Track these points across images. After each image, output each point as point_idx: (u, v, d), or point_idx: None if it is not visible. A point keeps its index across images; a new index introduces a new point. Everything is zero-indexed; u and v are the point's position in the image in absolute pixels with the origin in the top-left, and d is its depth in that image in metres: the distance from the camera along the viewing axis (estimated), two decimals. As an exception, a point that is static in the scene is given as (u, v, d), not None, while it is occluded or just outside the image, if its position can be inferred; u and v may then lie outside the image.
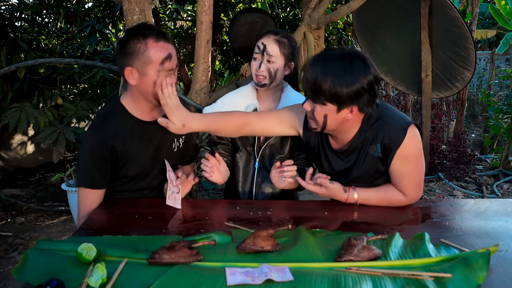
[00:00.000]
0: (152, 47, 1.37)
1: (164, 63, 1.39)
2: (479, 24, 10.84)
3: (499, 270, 1.02)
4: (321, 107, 1.30)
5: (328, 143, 1.50)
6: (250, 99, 1.77)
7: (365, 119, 1.39)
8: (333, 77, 1.25)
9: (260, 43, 1.69)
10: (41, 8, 4.48)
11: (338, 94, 1.25)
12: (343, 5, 2.85)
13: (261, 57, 1.68)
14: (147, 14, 2.24)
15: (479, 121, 7.95)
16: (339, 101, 1.27)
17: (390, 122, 1.37)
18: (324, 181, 1.39)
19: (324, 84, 1.25)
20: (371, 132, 1.39)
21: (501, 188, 4.33)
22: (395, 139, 1.35)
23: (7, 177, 4.24)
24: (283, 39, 1.69)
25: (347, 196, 1.43)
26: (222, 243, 1.15)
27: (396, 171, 1.41)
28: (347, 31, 5.63)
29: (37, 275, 0.99)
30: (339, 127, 1.37)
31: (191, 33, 5.23)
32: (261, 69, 1.67)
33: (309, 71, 1.29)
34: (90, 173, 1.46)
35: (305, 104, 1.35)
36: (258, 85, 1.71)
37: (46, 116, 3.38)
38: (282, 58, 1.68)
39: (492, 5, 8.04)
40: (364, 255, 1.05)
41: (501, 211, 1.42)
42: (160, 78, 1.39)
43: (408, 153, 1.37)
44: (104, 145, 1.45)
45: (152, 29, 1.40)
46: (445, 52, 3.68)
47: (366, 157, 1.42)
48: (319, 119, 1.33)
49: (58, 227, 3.26)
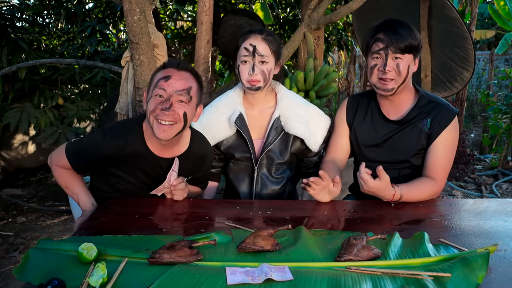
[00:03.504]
0: (159, 73, 1.43)
1: (158, 82, 1.39)
2: (478, 25, 10.83)
3: (498, 269, 1.02)
4: (406, 60, 1.51)
5: (380, 113, 1.64)
6: (234, 105, 1.68)
7: (420, 97, 1.60)
8: (411, 31, 1.52)
9: (248, 44, 1.58)
10: (42, 8, 4.49)
11: (418, 44, 1.52)
12: (343, 6, 2.86)
13: (252, 59, 1.58)
14: (147, 14, 2.24)
15: (478, 121, 7.95)
16: (418, 50, 1.53)
17: (443, 105, 1.58)
18: (382, 169, 1.40)
19: (410, 37, 1.50)
20: (425, 109, 1.58)
21: (500, 188, 4.33)
22: (446, 118, 1.55)
23: (8, 177, 4.24)
24: (269, 37, 1.62)
25: (394, 191, 1.44)
26: (222, 243, 1.15)
27: (434, 153, 1.56)
28: (346, 32, 5.64)
29: (38, 275, 0.99)
30: (404, 87, 1.55)
31: (191, 34, 5.24)
32: (255, 72, 1.57)
33: (391, 32, 1.50)
34: (80, 158, 1.50)
35: (388, 65, 1.50)
36: (252, 89, 1.61)
37: (47, 116, 3.39)
38: (272, 57, 1.61)
39: (491, 6, 8.04)
40: (364, 254, 1.05)
41: (500, 210, 1.42)
42: (153, 99, 1.39)
43: (450, 138, 1.56)
44: (105, 154, 1.47)
45: (174, 62, 1.46)
46: (445, 52, 3.68)
47: (414, 129, 1.58)
48: (404, 71, 1.51)
49: (59, 227, 3.26)
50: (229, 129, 1.69)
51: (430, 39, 3.69)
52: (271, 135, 1.67)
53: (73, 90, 4.00)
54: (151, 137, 1.46)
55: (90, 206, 1.54)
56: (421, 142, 1.58)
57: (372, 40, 1.54)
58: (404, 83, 1.53)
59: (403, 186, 1.48)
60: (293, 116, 1.67)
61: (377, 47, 1.52)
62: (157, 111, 1.37)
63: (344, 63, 9.21)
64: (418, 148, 1.59)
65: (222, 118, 1.68)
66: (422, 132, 1.57)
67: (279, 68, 1.68)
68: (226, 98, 1.72)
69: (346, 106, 1.73)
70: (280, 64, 1.68)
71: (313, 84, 2.74)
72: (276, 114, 1.68)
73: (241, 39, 1.62)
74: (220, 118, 1.68)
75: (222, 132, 1.69)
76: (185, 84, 1.39)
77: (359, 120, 1.69)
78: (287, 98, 1.71)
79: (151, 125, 1.40)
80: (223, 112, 1.68)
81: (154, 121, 1.38)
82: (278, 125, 1.68)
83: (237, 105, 1.68)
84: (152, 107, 1.38)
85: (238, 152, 1.70)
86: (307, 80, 2.61)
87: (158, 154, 1.49)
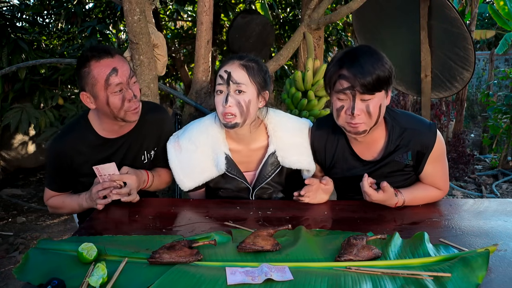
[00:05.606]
0: (94, 68, 1.36)
1: (109, 80, 1.35)
2: (478, 25, 10.84)
3: (498, 269, 1.02)
4: (377, 98, 1.32)
5: (353, 154, 1.49)
6: (217, 144, 1.48)
7: (390, 129, 1.44)
8: (379, 61, 1.30)
9: (223, 71, 1.38)
10: (42, 8, 4.49)
11: (389, 75, 1.31)
12: (343, 6, 2.86)
13: (226, 88, 1.37)
14: (147, 14, 2.24)
15: (478, 121, 7.94)
16: (389, 82, 1.33)
17: (419, 130, 1.42)
18: (386, 185, 1.36)
19: (379, 69, 1.28)
20: (401, 142, 1.44)
21: (500, 188, 4.34)
22: (428, 144, 1.42)
23: (8, 177, 4.25)
24: (251, 63, 1.40)
25: (397, 200, 1.43)
26: (222, 243, 1.15)
27: (429, 173, 1.47)
28: (346, 32, 5.64)
29: (38, 275, 0.99)
30: (376, 128, 1.39)
31: (191, 34, 5.24)
32: (228, 104, 1.36)
33: (357, 67, 1.28)
34: (52, 178, 1.55)
35: (356, 109, 1.30)
36: (227, 126, 1.40)
37: (47, 117, 3.39)
38: (253, 86, 1.39)
39: (491, 6, 8.04)
40: (364, 254, 1.05)
41: (500, 210, 1.42)
42: (112, 97, 1.37)
43: (439, 153, 1.45)
44: (63, 157, 1.49)
45: (94, 50, 1.38)
46: (445, 52, 3.68)
47: (395, 165, 1.46)
48: (375, 112, 1.32)
49: (59, 227, 3.27)
50: (215, 171, 1.50)
51: (430, 39, 3.69)
52: (267, 170, 1.52)
53: (73, 90, 4.00)
54: (100, 127, 1.50)
55: (84, 196, 1.50)
56: (407, 172, 1.48)
57: (335, 76, 1.33)
58: (377, 124, 1.36)
59: (406, 193, 1.45)
60: (290, 150, 1.50)
61: (341, 86, 1.31)
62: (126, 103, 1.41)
63: (344, 63, 9.20)
64: (404, 178, 1.49)
65: (203, 159, 1.49)
66: (404, 165, 1.46)
67: (264, 101, 1.45)
68: (206, 134, 1.50)
69: (311, 144, 1.54)
70: (266, 96, 1.45)
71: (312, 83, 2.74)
72: (271, 150, 1.50)
73: (220, 66, 1.46)
74: (202, 159, 1.49)
75: (208, 174, 1.51)
76: (124, 71, 1.40)
77: (329, 161, 1.52)
78: (280, 129, 1.51)
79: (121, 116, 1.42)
80: (205, 152, 1.49)
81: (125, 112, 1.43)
82: (274, 160, 1.51)
83: (220, 145, 1.48)
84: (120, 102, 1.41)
85: (230, 186, 1.54)
86: (305, 79, 2.60)
87: (112, 137, 1.52)
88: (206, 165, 1.50)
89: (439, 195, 1.51)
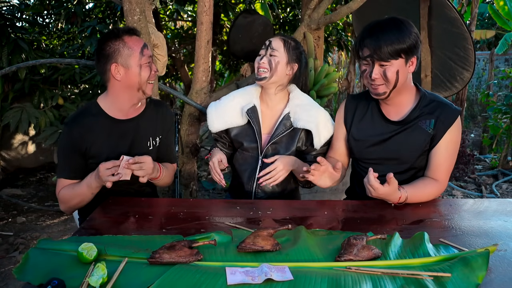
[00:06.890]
0: (129, 41, 1.53)
1: (143, 52, 1.54)
2: (478, 25, 10.84)
3: (498, 269, 1.02)
4: (394, 65, 1.46)
5: (380, 113, 1.62)
6: (250, 97, 1.78)
7: (421, 97, 1.57)
8: (401, 33, 1.44)
9: (268, 40, 1.72)
10: (42, 8, 4.49)
11: (410, 45, 1.45)
12: (343, 6, 2.86)
13: (265, 52, 1.70)
14: (147, 14, 2.24)
15: (478, 121, 7.95)
16: (410, 51, 1.46)
17: (446, 104, 1.56)
18: (392, 177, 1.39)
19: (398, 41, 1.43)
20: (427, 109, 1.56)
21: (500, 188, 4.34)
22: (449, 118, 1.52)
23: (8, 177, 4.24)
24: (290, 40, 1.72)
25: (400, 194, 1.44)
26: (222, 243, 1.15)
27: (438, 155, 1.54)
28: (346, 32, 5.64)
29: (38, 275, 0.99)
30: (402, 88, 1.52)
31: (191, 34, 5.24)
32: (262, 61, 1.68)
33: (374, 38, 1.44)
34: (64, 166, 1.59)
35: (374, 73, 1.47)
36: (258, 79, 1.70)
37: (47, 116, 3.38)
38: (285, 54, 1.68)
39: (491, 6, 8.05)
40: (364, 254, 1.05)
41: (500, 210, 1.43)
42: (144, 67, 1.53)
43: (453, 139, 1.54)
44: (75, 141, 1.55)
45: (123, 29, 1.56)
46: (445, 52, 3.68)
47: (416, 130, 1.55)
48: (392, 77, 1.47)
49: (59, 227, 3.27)
50: (241, 119, 1.77)
51: (430, 39, 3.69)
52: (279, 129, 1.72)
53: (73, 90, 4.00)
54: (113, 107, 1.60)
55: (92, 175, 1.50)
56: (425, 144, 1.55)
57: (359, 45, 1.52)
58: (396, 88, 1.50)
59: (408, 188, 1.47)
60: (303, 113, 1.72)
61: (362, 53, 1.50)
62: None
63: (344, 63, 9.21)
64: (422, 150, 1.56)
65: (236, 107, 1.77)
66: (426, 133, 1.54)
67: (292, 71, 1.72)
68: (244, 90, 1.82)
69: (345, 105, 1.73)
70: (294, 68, 1.72)
71: (313, 83, 2.74)
72: (286, 111, 1.74)
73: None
74: (235, 106, 1.77)
75: (234, 120, 1.78)
76: (149, 48, 1.60)
77: (357, 119, 1.68)
78: (299, 98, 1.76)
79: (144, 88, 1.57)
80: (239, 102, 1.78)
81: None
82: (287, 121, 1.73)
83: (252, 98, 1.77)
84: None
85: (246, 141, 1.77)
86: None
87: (123, 118, 1.61)
88: (236, 112, 1.77)
89: (438, 191, 1.54)
